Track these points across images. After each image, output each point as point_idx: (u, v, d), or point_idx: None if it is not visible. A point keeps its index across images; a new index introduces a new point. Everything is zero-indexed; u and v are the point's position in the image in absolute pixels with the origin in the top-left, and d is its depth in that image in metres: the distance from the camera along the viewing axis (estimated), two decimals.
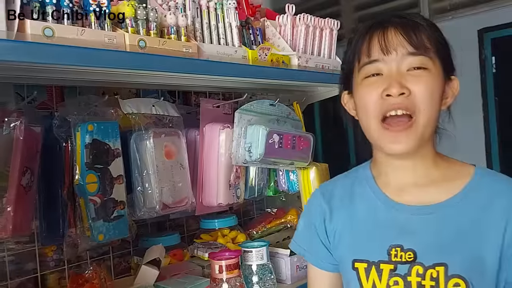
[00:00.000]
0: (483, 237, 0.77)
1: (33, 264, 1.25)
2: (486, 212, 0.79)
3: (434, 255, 0.78)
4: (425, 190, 0.83)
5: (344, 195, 0.92)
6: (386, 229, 0.83)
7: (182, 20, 1.15)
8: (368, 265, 0.83)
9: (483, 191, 0.81)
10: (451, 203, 0.80)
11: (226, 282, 1.25)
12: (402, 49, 0.78)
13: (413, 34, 0.79)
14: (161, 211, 1.23)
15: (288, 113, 1.57)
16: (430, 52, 0.79)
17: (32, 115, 1.14)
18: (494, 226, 0.77)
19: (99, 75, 1.08)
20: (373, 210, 0.87)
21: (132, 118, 1.22)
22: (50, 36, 0.89)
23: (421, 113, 0.77)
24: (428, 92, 0.78)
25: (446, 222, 0.80)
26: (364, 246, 0.86)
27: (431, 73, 0.79)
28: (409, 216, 0.82)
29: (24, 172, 1.07)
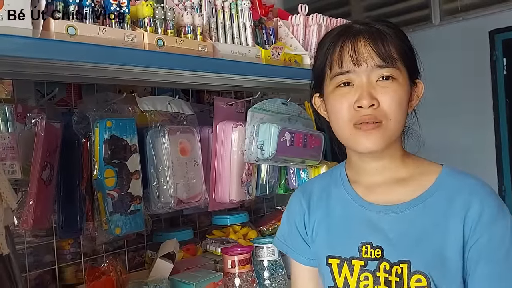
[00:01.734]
0: (445, 235, 0.80)
1: (50, 256, 1.28)
2: (448, 210, 0.82)
3: (399, 252, 0.82)
4: (393, 190, 0.87)
5: (321, 195, 0.96)
6: (358, 227, 0.87)
7: (199, 20, 1.18)
8: (340, 261, 0.87)
9: (446, 190, 0.83)
10: (416, 203, 0.84)
11: (238, 277, 1.28)
12: (371, 61, 0.82)
13: (382, 45, 0.82)
14: (175, 206, 1.26)
15: (299, 112, 1.59)
16: (397, 62, 0.83)
17: (52, 111, 1.17)
18: (454, 224, 0.80)
19: (117, 73, 1.11)
20: (347, 209, 0.91)
21: (149, 115, 1.25)
22: (73, 34, 0.92)
23: (389, 122, 0.82)
24: (395, 102, 0.82)
25: (411, 221, 0.83)
26: (337, 243, 0.90)
27: (398, 82, 0.83)
28: (378, 215, 0.86)
29: (44, 167, 1.10)
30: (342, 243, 0.89)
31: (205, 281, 1.18)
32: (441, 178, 0.85)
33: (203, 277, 1.19)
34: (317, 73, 0.91)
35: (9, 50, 0.80)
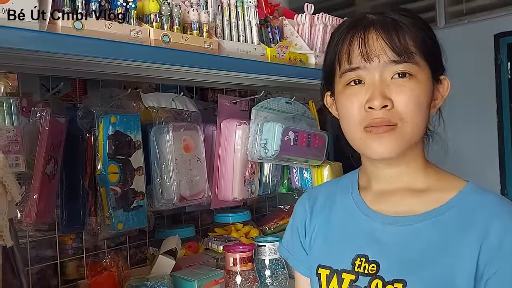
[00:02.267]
0: (454, 259, 0.70)
1: (52, 251, 1.28)
2: (463, 232, 0.71)
3: (396, 270, 0.73)
4: (405, 200, 0.78)
5: (326, 200, 0.89)
6: (356, 237, 0.80)
7: (205, 17, 1.18)
8: (330, 272, 0.80)
9: (465, 208, 0.73)
10: (428, 217, 0.75)
11: (240, 275, 1.28)
12: (384, 56, 0.73)
13: (396, 38, 0.73)
14: (178, 203, 1.26)
15: (303, 111, 1.59)
16: (415, 57, 0.73)
17: (57, 106, 1.17)
18: (468, 248, 0.70)
19: (123, 69, 1.11)
20: (349, 217, 0.83)
21: (153, 112, 1.25)
22: (79, 29, 0.92)
23: (405, 125, 0.73)
24: (413, 102, 0.73)
25: (416, 236, 0.74)
26: (331, 252, 0.83)
27: (417, 79, 0.73)
28: (382, 226, 0.78)
29: (48, 161, 1.10)
30: (336, 253, 0.82)
31: (207, 278, 1.18)
32: (462, 194, 0.75)
33: (205, 274, 1.19)
34: (327, 69, 0.83)
35: (16, 43, 0.80)
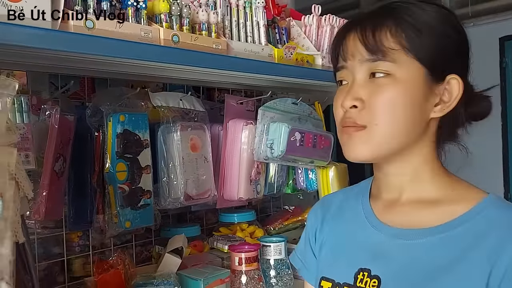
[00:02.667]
0: (459, 282, 0.65)
1: (59, 248, 1.29)
2: (473, 252, 0.65)
3: (398, 285, 0.70)
4: (416, 212, 0.73)
5: (338, 207, 0.86)
6: (361, 250, 0.76)
7: (213, 17, 1.19)
8: (332, 285, 0.77)
9: (480, 225, 0.67)
10: (437, 231, 0.69)
11: (245, 274, 1.28)
12: (358, 54, 0.70)
13: (371, 35, 0.69)
14: (185, 202, 1.27)
15: (309, 112, 1.60)
16: (392, 54, 0.68)
17: (66, 104, 1.18)
18: (476, 269, 0.64)
19: (132, 68, 1.12)
20: (357, 227, 0.80)
21: (161, 111, 1.26)
22: (91, 28, 0.92)
23: (374, 127, 0.69)
24: (387, 103, 0.68)
25: (423, 252, 0.69)
26: (335, 264, 0.80)
27: (394, 79, 0.68)
28: (388, 239, 0.73)
29: (57, 159, 1.11)
30: (339, 266, 0.78)
31: (213, 277, 1.18)
32: (479, 208, 0.68)
33: (211, 273, 1.20)
34: (333, 69, 0.81)
35: (28, 42, 0.81)
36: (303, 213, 1.76)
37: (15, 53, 0.89)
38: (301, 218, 1.75)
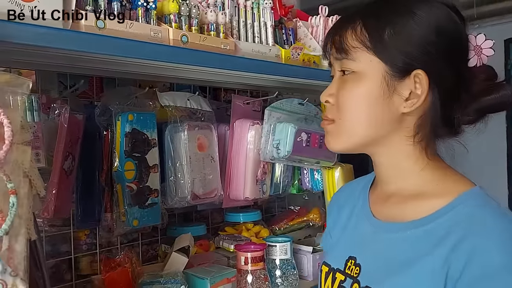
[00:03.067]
0: (420, 274, 0.66)
1: (66, 246, 1.30)
2: (438, 248, 0.66)
3: (369, 277, 0.73)
4: (399, 205, 0.75)
5: (346, 197, 0.90)
6: (353, 238, 0.81)
7: (222, 18, 1.20)
8: (328, 270, 0.82)
9: (450, 220, 0.67)
10: (413, 226, 0.71)
11: (251, 274, 1.29)
12: (332, 53, 0.76)
13: (338, 35, 0.74)
14: (192, 201, 1.28)
15: (316, 113, 1.60)
16: (354, 53, 0.72)
17: (75, 103, 1.19)
18: (437, 268, 0.64)
19: (140, 68, 1.12)
20: (354, 216, 0.84)
21: (169, 110, 1.27)
22: (102, 27, 0.93)
23: (339, 121, 0.74)
24: (350, 99, 0.73)
25: (396, 245, 0.72)
26: (333, 250, 0.85)
27: (358, 76, 0.72)
28: (372, 230, 0.77)
29: (66, 157, 1.12)
30: (336, 252, 0.83)
31: (219, 277, 1.19)
32: (455, 203, 0.68)
33: (217, 272, 1.21)
34: None
35: (40, 41, 0.82)
36: (308, 213, 1.76)
37: (27, 52, 0.89)
38: (306, 218, 1.75)
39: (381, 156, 0.77)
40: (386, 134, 0.74)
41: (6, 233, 0.59)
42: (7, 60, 0.99)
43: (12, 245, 0.60)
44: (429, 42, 0.69)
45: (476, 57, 0.76)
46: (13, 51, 0.87)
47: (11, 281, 0.58)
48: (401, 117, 0.73)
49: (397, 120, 0.73)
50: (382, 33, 0.70)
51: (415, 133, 0.73)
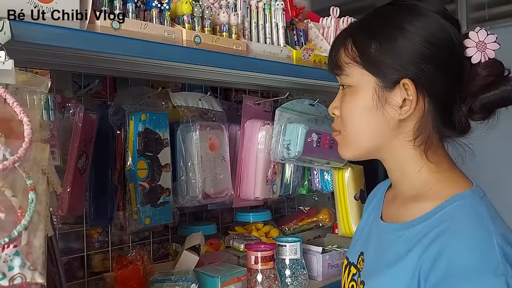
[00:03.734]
0: (397, 276, 0.70)
1: (79, 244, 1.31)
2: (413, 251, 0.69)
3: (366, 273, 0.80)
4: (401, 206, 0.79)
5: (373, 196, 0.95)
6: (367, 235, 0.86)
7: (234, 19, 1.21)
8: (347, 263, 0.88)
9: (432, 224, 0.69)
10: (404, 227, 0.74)
11: (261, 273, 1.30)
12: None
13: (333, 52, 0.80)
14: (203, 200, 1.29)
15: (326, 114, 1.60)
16: (347, 69, 0.77)
17: (89, 102, 1.21)
18: (408, 271, 0.68)
19: (154, 68, 1.14)
20: (372, 214, 0.90)
21: (181, 110, 1.28)
22: (117, 28, 0.95)
23: (344, 132, 0.80)
24: (349, 112, 0.78)
25: (389, 246, 0.76)
26: (353, 245, 0.91)
27: (353, 90, 0.77)
28: (378, 229, 0.82)
29: (80, 156, 1.14)
30: (354, 248, 0.89)
31: (230, 275, 1.20)
32: (442, 206, 0.71)
33: (228, 271, 1.21)
34: None
35: (56, 41, 0.83)
36: (318, 214, 1.77)
37: (43, 52, 0.91)
38: (316, 219, 1.76)
39: (387, 161, 0.81)
40: (388, 141, 0.78)
41: (25, 228, 0.60)
42: (23, 60, 1.01)
43: (31, 240, 0.61)
44: (414, 53, 0.72)
45: (480, 53, 0.76)
46: (29, 51, 0.88)
47: (30, 275, 0.59)
48: (399, 123, 0.76)
49: (396, 127, 0.76)
50: (369, 48, 0.74)
51: (415, 137, 0.76)
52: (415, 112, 0.74)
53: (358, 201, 1.56)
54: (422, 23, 0.73)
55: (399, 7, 0.77)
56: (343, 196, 1.57)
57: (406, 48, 0.72)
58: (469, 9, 3.37)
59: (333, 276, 1.48)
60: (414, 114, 0.75)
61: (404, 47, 0.72)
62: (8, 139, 0.64)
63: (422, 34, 0.72)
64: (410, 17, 0.73)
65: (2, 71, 0.66)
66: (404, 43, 0.72)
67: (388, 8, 0.78)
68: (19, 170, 0.62)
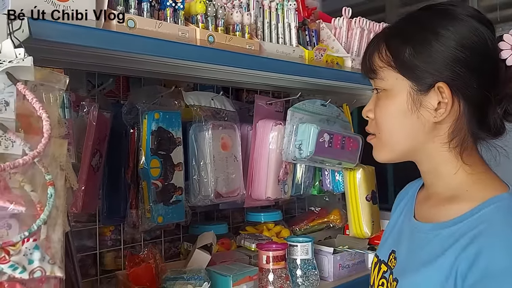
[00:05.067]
0: (433, 274, 0.71)
1: (92, 242, 1.32)
2: (448, 251, 0.70)
3: (399, 271, 0.80)
4: (435, 207, 0.80)
5: (404, 195, 0.96)
6: (398, 233, 0.87)
7: (247, 19, 1.21)
8: (377, 261, 0.89)
9: (469, 226, 0.70)
10: (439, 227, 0.75)
11: (273, 272, 1.30)
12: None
13: (367, 57, 0.81)
14: (215, 199, 1.29)
15: (338, 114, 1.60)
16: (381, 73, 0.79)
17: (103, 101, 1.22)
18: (444, 271, 0.69)
19: (166, 67, 1.15)
20: (403, 213, 0.91)
21: (194, 110, 1.29)
22: (132, 27, 0.96)
23: (379, 135, 0.81)
24: (384, 115, 0.80)
25: (423, 245, 0.77)
26: (383, 243, 0.92)
27: (387, 93, 0.79)
28: (411, 228, 0.83)
29: (94, 154, 1.15)
30: (385, 246, 0.90)
31: (241, 274, 1.20)
32: (478, 208, 0.70)
33: (239, 270, 1.21)
34: None
35: (73, 39, 0.84)
36: (329, 214, 1.77)
37: (58, 51, 0.92)
38: (327, 219, 1.76)
39: (422, 163, 0.82)
40: (423, 144, 0.79)
41: (44, 222, 0.61)
42: (38, 58, 1.01)
43: (50, 235, 0.62)
44: (449, 56, 0.73)
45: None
46: (44, 49, 0.89)
47: (50, 268, 0.60)
48: (434, 126, 0.77)
49: (431, 129, 0.77)
50: (404, 52, 0.76)
51: (450, 139, 0.77)
52: (450, 115, 0.75)
53: (369, 202, 1.56)
54: (456, 27, 0.74)
55: (432, 11, 0.78)
56: (354, 197, 1.56)
57: (440, 52, 0.73)
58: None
59: (344, 277, 1.48)
60: (449, 117, 0.76)
61: (438, 51, 0.73)
62: (27, 134, 0.65)
63: (456, 38, 0.73)
64: (444, 22, 0.75)
65: (22, 67, 0.67)
66: (438, 47, 0.74)
67: (421, 13, 0.80)
68: (39, 165, 0.63)
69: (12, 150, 0.62)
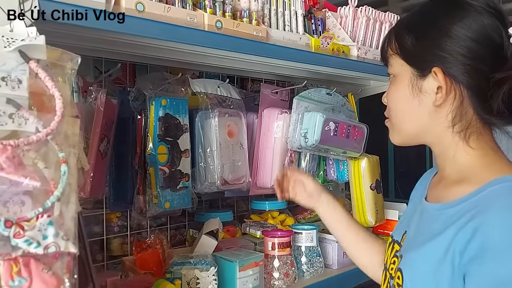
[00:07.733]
0: (433, 249, 0.73)
1: (98, 228, 1.33)
2: (449, 228, 0.72)
3: (405, 247, 0.84)
4: (444, 189, 0.82)
5: (422, 180, 0.97)
6: (411, 215, 0.89)
7: (254, 5, 1.21)
8: (391, 240, 0.92)
9: (470, 205, 0.71)
10: (444, 207, 0.77)
11: (278, 259, 1.30)
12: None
13: (383, 45, 0.87)
14: (221, 186, 1.30)
15: (343, 103, 1.60)
16: (391, 59, 0.85)
17: (110, 87, 1.22)
18: (443, 247, 0.71)
19: (175, 53, 1.15)
20: (418, 196, 0.93)
21: (200, 97, 1.29)
22: (141, 10, 0.96)
23: (391, 119, 0.87)
24: (393, 100, 0.86)
25: (429, 224, 0.79)
26: (398, 225, 0.95)
27: (396, 79, 0.85)
28: (422, 209, 0.85)
29: (102, 139, 1.15)
30: (399, 226, 0.93)
31: (247, 260, 1.20)
32: (481, 189, 0.72)
33: (245, 256, 1.22)
34: None
35: (83, 21, 0.84)
36: None
37: (66, 34, 0.92)
38: None
39: (432, 146, 0.85)
40: (429, 126, 0.82)
41: (58, 199, 0.61)
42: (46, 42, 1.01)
43: (63, 212, 0.62)
44: (445, 42, 0.76)
45: None
46: (53, 32, 0.88)
47: (64, 244, 0.60)
48: (435, 109, 0.80)
49: (433, 113, 0.80)
50: (406, 40, 0.81)
51: (453, 124, 0.79)
52: (449, 99, 0.78)
53: (373, 191, 1.56)
54: (456, 15, 0.77)
55: (435, 1, 0.83)
56: (358, 186, 1.57)
57: (436, 39, 0.77)
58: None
59: (348, 264, 1.48)
60: (448, 101, 0.78)
61: (435, 37, 0.77)
62: (40, 112, 0.65)
63: (454, 25, 0.76)
64: (444, 10, 0.78)
65: (34, 46, 0.67)
66: (434, 34, 0.78)
67: (428, 2, 0.84)
68: (52, 143, 0.63)
69: (25, 127, 0.63)
